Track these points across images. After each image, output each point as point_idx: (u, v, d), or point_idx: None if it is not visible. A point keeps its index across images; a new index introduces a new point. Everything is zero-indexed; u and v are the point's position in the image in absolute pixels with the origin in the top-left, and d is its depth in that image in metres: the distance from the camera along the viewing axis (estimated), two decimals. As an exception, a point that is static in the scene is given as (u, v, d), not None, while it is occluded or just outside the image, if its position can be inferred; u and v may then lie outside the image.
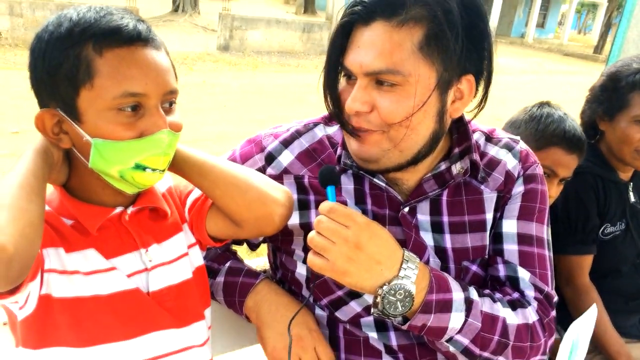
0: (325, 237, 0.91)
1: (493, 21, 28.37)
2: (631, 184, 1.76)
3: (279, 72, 12.22)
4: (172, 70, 0.93)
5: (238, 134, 7.01)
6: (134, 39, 0.86)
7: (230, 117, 7.78)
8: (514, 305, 1.07)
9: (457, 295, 1.00)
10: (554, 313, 1.13)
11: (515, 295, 1.10)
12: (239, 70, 11.78)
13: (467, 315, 1.00)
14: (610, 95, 1.68)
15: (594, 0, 32.57)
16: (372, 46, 0.96)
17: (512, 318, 1.04)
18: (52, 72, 0.85)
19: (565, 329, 1.23)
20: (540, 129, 1.56)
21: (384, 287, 0.93)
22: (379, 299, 0.94)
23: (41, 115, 0.88)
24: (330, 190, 0.96)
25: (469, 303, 1.00)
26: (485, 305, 1.03)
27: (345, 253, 0.90)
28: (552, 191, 1.56)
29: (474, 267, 1.13)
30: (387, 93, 0.98)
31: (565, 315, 1.59)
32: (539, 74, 17.34)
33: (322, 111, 1.12)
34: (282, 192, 1.03)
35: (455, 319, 0.98)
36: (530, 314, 1.07)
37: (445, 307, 0.98)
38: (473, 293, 1.03)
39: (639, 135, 1.61)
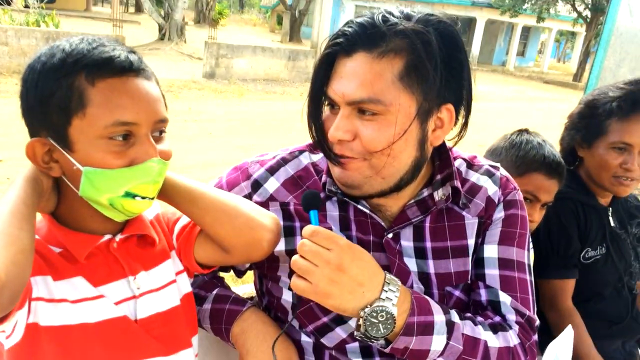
0: (308, 260, 0.92)
1: (475, 50, 28.99)
2: (610, 208, 1.80)
3: (264, 100, 12.30)
4: (162, 99, 0.95)
5: (224, 161, 7.03)
6: (125, 70, 0.88)
7: (216, 145, 7.80)
8: (495, 328, 1.09)
9: (439, 317, 1.01)
10: (535, 337, 1.14)
11: (497, 319, 1.12)
12: (225, 97, 11.84)
13: (448, 338, 1.01)
14: (588, 123, 1.72)
15: (572, 29, 33.40)
16: (354, 76, 0.99)
17: (494, 341, 1.06)
18: (45, 101, 0.86)
19: (548, 353, 1.25)
20: (520, 155, 1.60)
21: (366, 309, 0.94)
22: (361, 321, 0.95)
23: (32, 144, 0.89)
24: (313, 214, 0.98)
25: (450, 326, 1.02)
26: (466, 328, 1.04)
27: (328, 275, 0.92)
28: (535, 216, 1.59)
29: (457, 292, 1.15)
30: (368, 122, 1.01)
31: (548, 340, 1.61)
32: (520, 101, 17.64)
33: (308, 138, 1.14)
34: (270, 218, 1.05)
35: (437, 342, 1.00)
36: (511, 338, 1.09)
37: (427, 329, 0.99)
38: (454, 316, 1.04)
39: (616, 161, 1.65)
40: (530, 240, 1.66)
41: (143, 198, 0.92)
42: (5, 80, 10.24)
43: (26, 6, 12.66)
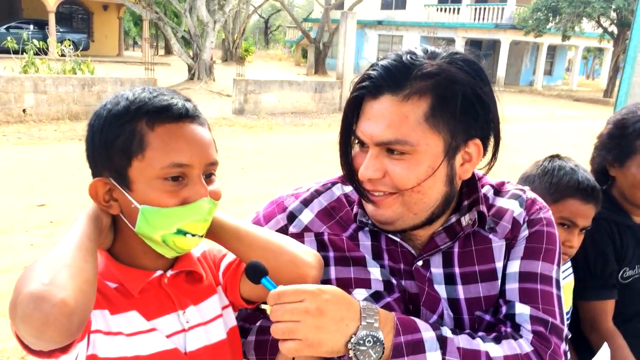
0: (287, 321, 0.93)
1: (500, 72, 28.84)
2: (646, 227, 1.79)
3: (293, 132, 12.46)
4: (214, 144, 1.02)
5: (256, 195, 7.14)
6: (182, 116, 0.96)
7: (248, 179, 7.93)
8: (498, 338, 1.07)
9: (427, 334, 1.01)
10: (563, 346, 1.11)
11: (507, 330, 1.10)
12: (255, 132, 12.05)
13: (443, 354, 0.99)
14: (618, 143, 1.73)
15: (599, 45, 33.02)
16: (381, 118, 1.03)
17: (496, 351, 1.03)
18: (109, 144, 0.95)
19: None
20: (554, 182, 1.60)
21: (352, 339, 0.95)
22: (351, 353, 0.95)
23: (95, 184, 0.97)
24: (265, 280, 0.97)
25: (442, 341, 1.01)
26: (462, 341, 1.02)
27: (312, 323, 0.92)
28: (574, 242, 1.59)
29: (488, 317, 1.15)
30: (397, 161, 1.05)
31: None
32: (549, 121, 17.42)
33: (337, 168, 1.19)
34: (313, 256, 1.09)
35: (432, 359, 0.99)
36: (521, 345, 1.06)
37: (417, 347, 0.99)
38: (446, 331, 1.03)
39: None
40: (568, 262, 1.66)
41: (193, 235, 0.98)
42: (45, 127, 10.65)
43: (62, 55, 13.18)
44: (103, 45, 31.20)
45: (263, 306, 0.95)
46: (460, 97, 1.02)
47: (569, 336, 1.16)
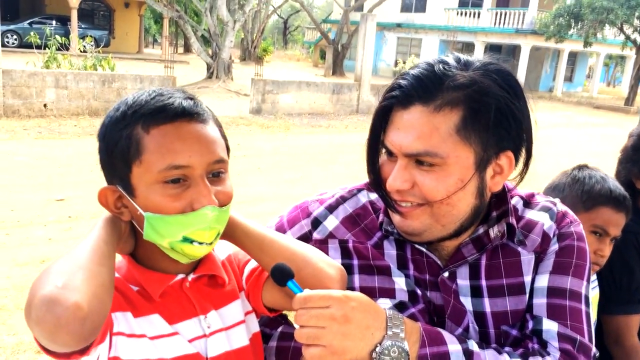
0: (312, 327, 0.91)
1: (520, 77, 28.52)
2: (673, 240, 1.75)
3: (310, 133, 12.47)
4: (221, 141, 0.99)
5: (273, 195, 7.14)
6: (178, 115, 0.93)
7: (265, 179, 7.94)
8: (525, 355, 1.05)
9: (454, 347, 0.99)
10: None
11: (534, 346, 1.07)
12: (272, 132, 12.08)
13: None
14: None
15: (621, 53, 32.61)
16: (411, 129, 1.01)
17: None
18: (110, 152, 0.94)
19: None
20: (586, 190, 1.59)
21: (377, 349, 0.93)
22: None
23: (103, 192, 0.97)
24: (292, 283, 0.95)
25: (468, 355, 0.99)
26: (488, 356, 1.00)
27: (338, 330, 0.91)
28: (605, 251, 1.57)
29: (514, 332, 1.12)
30: (427, 172, 1.03)
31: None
32: (569, 127, 17.25)
33: (353, 171, 1.17)
34: (337, 269, 1.07)
35: None
36: None
37: None
38: (472, 345, 1.01)
39: None
40: (594, 276, 1.64)
41: (200, 243, 0.96)
42: (65, 122, 10.79)
43: (83, 51, 13.32)
44: (123, 42, 31.52)
45: (284, 312, 0.94)
46: (493, 109, 1.00)
47: (597, 355, 1.13)
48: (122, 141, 0.92)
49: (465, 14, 32.69)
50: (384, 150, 1.10)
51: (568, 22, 26.20)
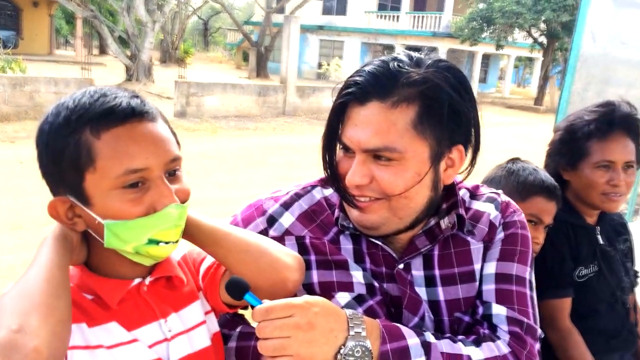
0: (277, 337, 0.91)
1: (438, 78, 29.60)
2: (598, 227, 1.88)
3: (237, 136, 12.34)
4: (172, 138, 0.95)
5: (204, 200, 6.99)
6: (128, 116, 0.88)
7: (194, 183, 7.71)
8: (478, 341, 1.09)
9: (412, 340, 1.02)
10: (537, 346, 1.14)
11: (485, 331, 1.12)
12: (198, 136, 11.84)
13: (428, 359, 1.01)
14: (570, 147, 1.81)
15: (530, 55, 34.61)
16: (368, 125, 1.03)
17: (477, 354, 1.05)
18: (57, 160, 0.88)
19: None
20: (520, 181, 1.68)
21: (341, 351, 0.94)
22: None
23: (54, 204, 0.91)
24: (249, 296, 0.94)
25: (426, 347, 1.02)
26: (444, 346, 1.04)
27: (304, 338, 0.91)
28: (540, 238, 1.67)
29: (467, 318, 1.17)
30: (385, 167, 1.05)
31: (552, 358, 1.65)
32: (487, 127, 18.00)
33: (284, 173, 1.18)
34: (294, 259, 1.07)
35: None
36: (499, 347, 1.09)
37: (403, 354, 0.99)
38: (429, 337, 1.04)
39: (603, 179, 1.74)
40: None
41: (167, 243, 0.93)
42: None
43: (-10, 53, 12.51)
44: (33, 43, 29.78)
45: (241, 311, 0.92)
46: (446, 105, 1.04)
47: (542, 336, 1.19)
48: (69, 148, 0.86)
49: (385, 17, 33.52)
50: (339, 147, 1.11)
51: (481, 26, 27.50)
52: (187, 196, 0.96)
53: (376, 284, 1.16)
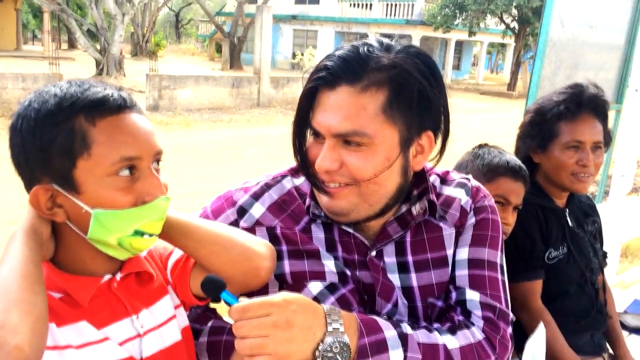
0: (255, 336, 0.90)
1: (413, 66, 29.76)
2: (567, 209, 1.90)
3: (212, 129, 12.24)
4: (155, 131, 0.97)
5: (177, 194, 6.92)
6: (121, 107, 0.90)
7: (170, 177, 7.66)
8: (453, 329, 1.10)
9: (389, 333, 1.02)
10: (509, 330, 1.15)
11: (459, 318, 1.13)
12: (172, 129, 11.72)
13: (405, 351, 1.01)
14: (539, 129, 1.84)
15: (502, 41, 34.93)
16: (338, 109, 1.03)
17: (453, 342, 1.06)
18: (45, 147, 0.86)
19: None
20: (485, 163, 1.70)
21: (320, 347, 0.94)
22: None
23: (36, 192, 0.88)
24: (225, 294, 0.93)
25: (403, 338, 1.02)
26: (421, 336, 1.04)
27: (282, 337, 0.90)
28: (509, 219, 1.68)
29: (440, 303, 1.18)
30: (354, 152, 1.05)
31: (522, 340, 1.67)
32: (460, 113, 18.19)
33: (260, 164, 1.16)
34: (265, 247, 1.07)
35: (395, 357, 1.00)
36: (474, 334, 1.10)
37: (381, 347, 1.00)
38: (406, 328, 1.05)
39: (572, 159, 1.77)
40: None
41: (150, 235, 0.94)
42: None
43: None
44: (-1, 38, 29.09)
45: (212, 305, 0.91)
46: (415, 90, 1.04)
47: (514, 320, 1.21)
48: (62, 135, 0.86)
49: (358, 5, 33.47)
50: (309, 133, 1.10)
51: (453, 13, 27.66)
52: (167, 189, 0.96)
53: (348, 272, 1.16)
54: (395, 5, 31.69)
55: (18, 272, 0.80)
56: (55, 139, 0.86)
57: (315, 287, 1.14)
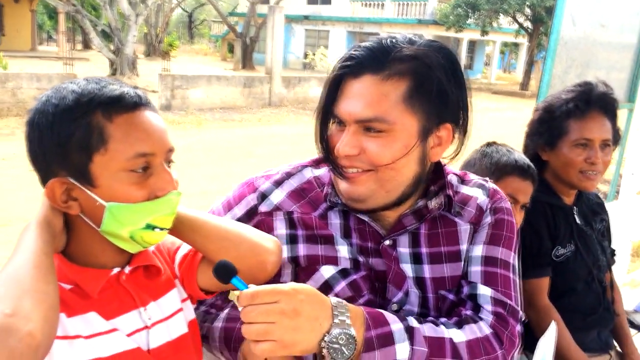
0: (261, 322, 0.91)
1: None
2: (575, 207, 1.91)
3: (223, 128, 12.30)
4: (167, 129, 1.00)
5: (190, 193, 6.98)
6: (137, 104, 0.93)
7: (182, 176, 7.72)
8: (460, 323, 1.11)
9: (396, 326, 1.03)
10: (518, 327, 1.16)
11: (468, 313, 1.14)
12: (184, 128, 11.79)
13: (411, 344, 1.02)
14: (548, 126, 1.84)
15: (515, 41, 34.70)
16: (361, 97, 1.07)
17: (460, 336, 1.07)
18: (63, 142, 0.89)
19: (532, 352, 1.31)
20: (493, 162, 1.70)
21: (325, 338, 0.94)
22: (325, 352, 0.95)
23: (52, 185, 0.91)
24: (236, 280, 0.93)
25: (410, 332, 1.03)
26: (427, 330, 1.05)
27: (288, 325, 0.91)
28: (517, 218, 1.67)
29: (451, 296, 1.19)
30: (374, 138, 1.08)
31: (529, 337, 1.68)
32: (473, 113, 18.10)
33: (272, 163, 1.19)
34: (272, 242, 1.10)
35: (401, 350, 1.01)
36: (481, 328, 1.11)
37: (387, 340, 1.01)
38: (412, 321, 1.06)
39: (580, 157, 1.77)
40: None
41: (162, 229, 0.96)
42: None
43: (-30, 49, 12.32)
44: (15, 39, 29.38)
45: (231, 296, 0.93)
46: (435, 82, 1.07)
47: (524, 319, 1.22)
48: (79, 130, 0.88)
49: (370, 5, 33.41)
50: (333, 122, 1.14)
51: (466, 12, 27.51)
52: (178, 186, 0.99)
53: (361, 259, 1.19)
54: (408, 4, 31.59)
55: (31, 263, 0.82)
56: (73, 134, 0.89)
57: (327, 271, 1.17)
